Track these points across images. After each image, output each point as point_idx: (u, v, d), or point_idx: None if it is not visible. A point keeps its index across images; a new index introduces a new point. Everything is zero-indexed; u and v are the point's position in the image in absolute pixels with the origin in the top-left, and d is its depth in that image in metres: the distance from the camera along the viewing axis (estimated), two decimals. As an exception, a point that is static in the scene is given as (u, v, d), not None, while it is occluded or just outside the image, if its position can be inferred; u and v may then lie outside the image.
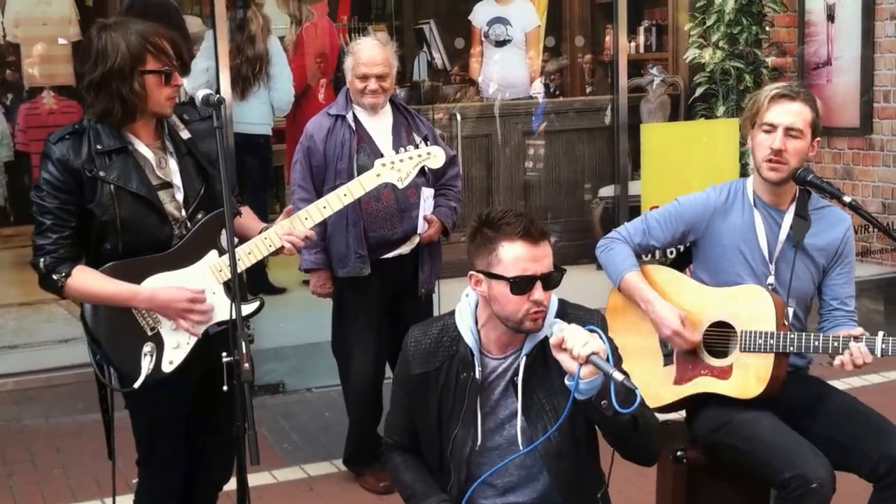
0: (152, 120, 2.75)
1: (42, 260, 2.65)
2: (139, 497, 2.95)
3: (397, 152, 2.99)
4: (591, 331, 2.28)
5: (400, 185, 2.96)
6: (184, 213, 2.74)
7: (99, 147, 2.65)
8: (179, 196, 2.74)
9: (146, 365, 2.67)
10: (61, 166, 2.64)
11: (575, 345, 2.24)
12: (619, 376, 2.18)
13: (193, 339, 2.72)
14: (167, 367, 2.70)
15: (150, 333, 2.70)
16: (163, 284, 2.69)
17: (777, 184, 2.95)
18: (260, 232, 2.81)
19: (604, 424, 2.36)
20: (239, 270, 2.69)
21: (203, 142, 2.81)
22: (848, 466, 2.87)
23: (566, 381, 2.29)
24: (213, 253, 2.73)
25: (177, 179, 2.74)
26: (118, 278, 2.67)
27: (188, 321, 2.69)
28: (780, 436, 2.78)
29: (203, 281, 2.73)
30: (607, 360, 2.22)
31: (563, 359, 2.28)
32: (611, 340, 2.37)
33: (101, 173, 2.64)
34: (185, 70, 2.74)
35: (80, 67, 2.71)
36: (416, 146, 3.01)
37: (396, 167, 2.92)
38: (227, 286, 2.73)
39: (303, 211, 2.84)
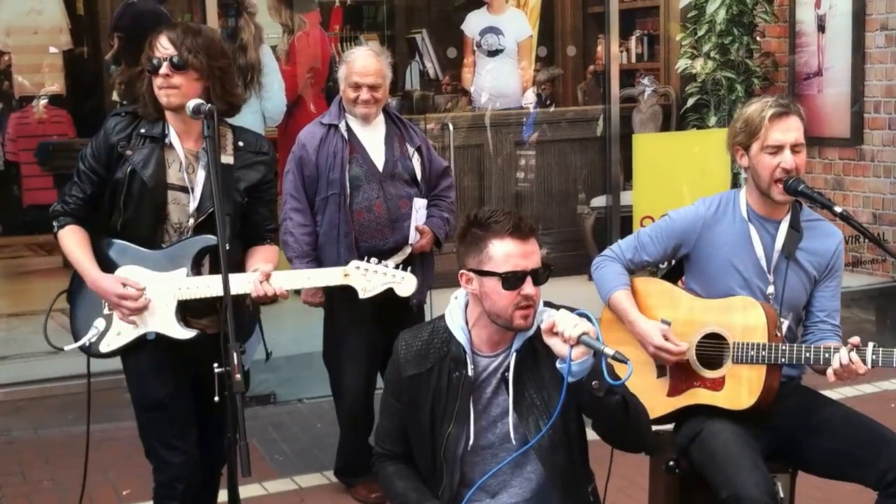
0: (191, 123, 2.84)
1: (55, 205, 2.94)
2: (155, 490, 3.02)
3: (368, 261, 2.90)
4: (581, 314, 2.35)
5: (361, 295, 2.89)
6: (192, 221, 2.87)
7: (142, 130, 2.87)
8: (193, 205, 2.87)
9: (89, 336, 2.88)
10: (103, 137, 2.88)
11: (566, 327, 2.31)
12: (609, 351, 2.26)
13: (134, 334, 2.85)
14: (104, 348, 2.90)
15: (105, 311, 2.89)
16: (135, 275, 2.84)
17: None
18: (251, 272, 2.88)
19: (595, 409, 2.41)
20: (194, 296, 2.82)
21: (241, 170, 2.93)
22: (852, 476, 2.87)
23: (557, 365, 2.35)
24: (184, 270, 2.84)
25: (198, 190, 2.87)
26: (111, 252, 2.87)
27: (119, 312, 2.84)
28: (730, 452, 2.76)
29: (164, 291, 2.84)
30: (597, 339, 2.30)
31: (555, 343, 2.35)
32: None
33: (129, 152, 2.84)
34: (178, 65, 2.79)
35: None
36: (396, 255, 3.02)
37: (367, 277, 2.87)
38: (182, 305, 2.84)
39: (285, 272, 2.89)
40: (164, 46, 2.81)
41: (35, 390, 4.69)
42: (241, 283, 2.82)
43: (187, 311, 2.86)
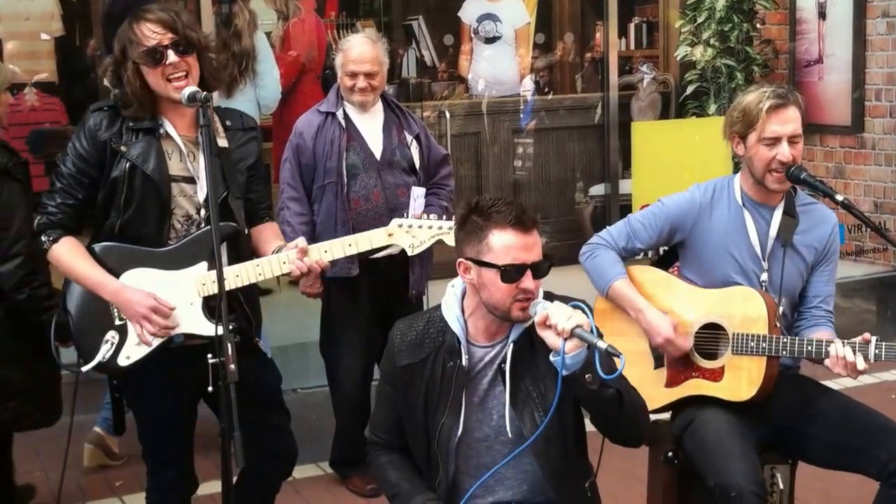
0: (183, 108, 2.69)
1: (39, 218, 2.71)
2: (148, 493, 2.97)
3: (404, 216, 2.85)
4: (575, 306, 2.31)
5: (410, 252, 2.85)
6: (203, 212, 2.72)
7: (132, 123, 2.67)
8: (201, 195, 2.72)
9: (104, 351, 2.68)
10: (89, 136, 2.67)
11: (559, 320, 2.27)
12: (602, 344, 2.22)
13: (157, 341, 2.68)
14: (123, 361, 2.69)
15: (117, 322, 2.70)
16: (143, 280, 2.67)
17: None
18: (273, 252, 2.78)
19: (590, 403, 2.37)
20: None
21: (238, 149, 2.79)
22: (853, 466, 2.86)
23: (551, 358, 2.32)
24: (204, 265, 2.69)
25: (203, 178, 2.71)
26: (110, 259, 2.67)
27: (142, 328, 2.65)
28: (721, 441, 2.75)
29: (185, 290, 2.69)
30: (591, 332, 2.26)
31: (548, 336, 2.31)
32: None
33: (123, 148, 2.66)
34: (186, 48, 2.64)
35: None
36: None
37: (412, 233, 2.82)
38: (208, 302, 2.68)
39: (324, 243, 2.81)
40: (156, 32, 2.61)
41: (27, 381, 4.65)
42: (276, 266, 2.72)
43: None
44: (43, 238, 2.69)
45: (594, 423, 2.45)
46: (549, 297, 2.48)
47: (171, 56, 2.62)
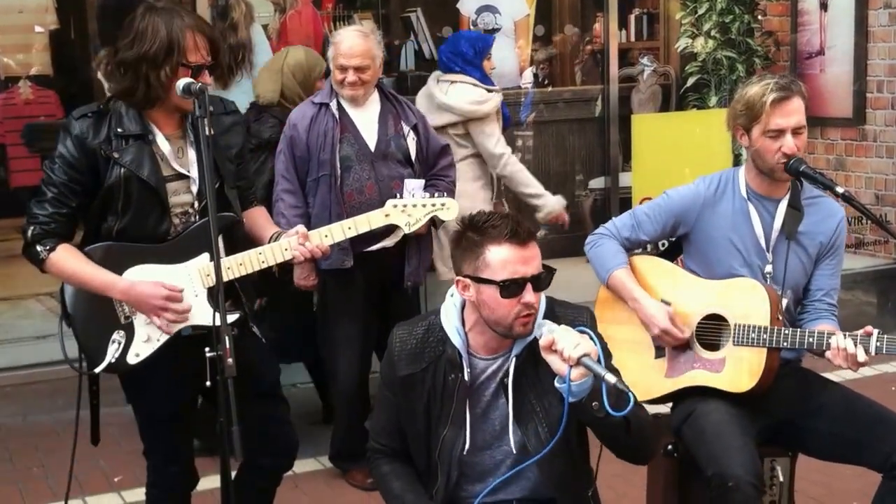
0: (175, 112, 2.71)
1: (32, 229, 2.66)
2: (148, 488, 2.97)
3: (402, 195, 2.90)
4: (582, 331, 2.25)
5: (407, 230, 2.94)
6: (196, 205, 2.72)
7: (119, 130, 2.65)
8: (194, 188, 2.72)
9: (112, 352, 2.66)
10: (78, 143, 2.64)
11: (566, 346, 2.20)
12: (611, 378, 2.14)
13: (165, 336, 2.68)
14: (132, 359, 2.68)
15: (123, 322, 2.69)
16: (146, 276, 2.66)
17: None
18: (270, 238, 2.79)
19: (595, 426, 2.33)
20: (227, 278, 2.65)
21: (224, 136, 2.79)
22: (855, 459, 2.86)
23: (556, 384, 2.26)
24: (206, 255, 2.69)
25: (194, 171, 2.71)
26: (107, 260, 2.66)
27: (162, 319, 2.65)
28: (720, 431, 2.75)
29: (188, 282, 2.69)
30: (598, 361, 2.18)
31: (553, 360, 2.24)
32: (600, 338, 2.34)
33: (115, 155, 2.63)
34: (215, 70, 2.69)
35: (117, 43, 2.69)
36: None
37: (407, 212, 2.86)
38: (212, 292, 2.66)
39: (324, 228, 2.85)
40: (204, 49, 2.65)
41: (23, 376, 4.63)
42: (278, 253, 2.73)
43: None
44: (38, 248, 2.65)
45: (598, 438, 2.41)
46: (551, 303, 2.44)
47: (208, 76, 2.66)
